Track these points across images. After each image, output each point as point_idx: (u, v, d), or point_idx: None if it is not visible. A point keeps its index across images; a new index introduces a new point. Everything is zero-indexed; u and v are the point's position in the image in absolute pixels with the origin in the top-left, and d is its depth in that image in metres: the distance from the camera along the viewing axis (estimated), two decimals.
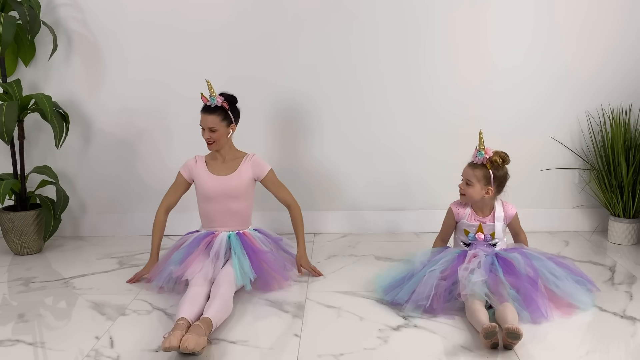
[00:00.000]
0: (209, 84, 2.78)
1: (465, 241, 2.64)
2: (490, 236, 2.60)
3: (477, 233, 2.59)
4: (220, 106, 2.75)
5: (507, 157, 2.56)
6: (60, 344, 2.24)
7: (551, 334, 2.26)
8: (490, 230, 2.61)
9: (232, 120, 2.79)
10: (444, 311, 2.42)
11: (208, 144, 2.78)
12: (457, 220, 2.68)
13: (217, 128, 2.74)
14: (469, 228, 2.62)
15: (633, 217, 3.30)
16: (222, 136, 2.77)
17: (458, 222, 2.69)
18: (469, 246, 2.63)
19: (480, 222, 2.62)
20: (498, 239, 2.62)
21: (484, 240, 2.59)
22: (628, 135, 3.30)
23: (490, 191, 2.57)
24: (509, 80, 3.41)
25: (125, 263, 3.13)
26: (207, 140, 2.77)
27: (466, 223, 2.64)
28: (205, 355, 2.12)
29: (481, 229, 2.60)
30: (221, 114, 2.75)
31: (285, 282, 2.74)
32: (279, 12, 3.37)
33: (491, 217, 2.63)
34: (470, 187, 2.58)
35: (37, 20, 3.21)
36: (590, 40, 3.37)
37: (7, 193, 3.06)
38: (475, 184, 2.56)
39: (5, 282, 2.89)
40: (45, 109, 3.09)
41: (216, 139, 2.76)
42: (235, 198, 2.81)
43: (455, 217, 2.68)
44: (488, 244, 2.60)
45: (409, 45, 3.40)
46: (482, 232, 2.59)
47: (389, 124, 3.48)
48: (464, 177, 2.61)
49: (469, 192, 2.59)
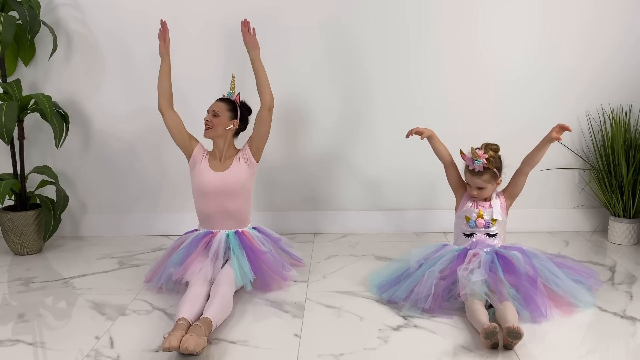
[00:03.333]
0: (233, 79, 2.86)
1: (465, 231, 2.64)
2: (491, 222, 2.60)
3: (478, 219, 2.61)
4: (233, 100, 2.81)
5: (497, 146, 2.62)
6: (60, 344, 2.24)
7: (551, 333, 2.26)
8: (489, 215, 2.62)
9: (237, 115, 2.82)
10: (443, 311, 2.42)
11: (206, 127, 2.79)
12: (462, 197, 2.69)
13: (220, 114, 2.78)
14: (470, 214, 2.63)
15: (633, 217, 3.30)
16: (221, 124, 2.79)
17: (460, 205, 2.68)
18: (469, 237, 2.62)
19: (480, 207, 2.63)
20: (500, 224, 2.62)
21: (484, 227, 2.60)
22: (628, 135, 3.30)
23: (500, 181, 2.63)
24: (509, 79, 3.41)
25: (125, 263, 3.13)
26: (206, 123, 2.79)
27: (469, 208, 2.64)
28: (205, 355, 2.12)
29: (481, 214, 2.62)
30: (230, 105, 2.81)
31: (284, 282, 2.74)
32: (278, 13, 3.37)
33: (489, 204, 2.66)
34: (483, 191, 2.62)
35: (37, 20, 3.21)
36: (591, 41, 3.37)
37: (7, 193, 3.06)
38: (487, 186, 2.60)
39: (5, 282, 2.89)
40: (45, 109, 3.09)
41: (215, 125, 2.78)
42: (231, 195, 2.79)
43: (464, 179, 2.70)
44: (487, 234, 2.60)
45: (413, 49, 3.40)
46: (482, 218, 2.61)
47: (389, 124, 3.48)
48: (472, 186, 2.63)
49: (484, 194, 2.63)
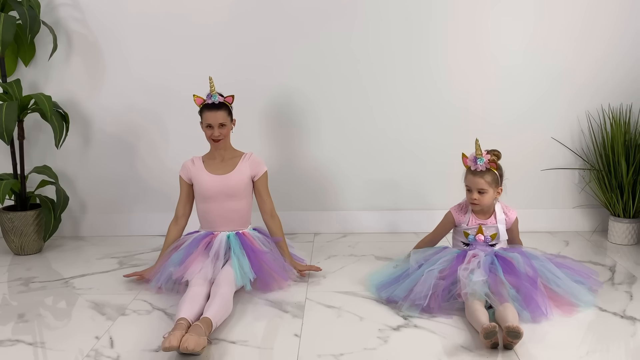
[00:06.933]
0: (211, 81, 2.80)
1: (464, 241, 2.64)
2: (490, 237, 2.59)
3: (477, 235, 2.59)
4: (223, 102, 2.79)
5: (499, 153, 2.59)
6: (60, 344, 2.24)
7: (551, 333, 2.26)
8: (490, 231, 2.60)
9: (232, 114, 2.84)
10: (442, 311, 2.41)
11: (216, 141, 2.79)
12: (457, 225, 2.68)
13: (227, 123, 2.79)
14: (469, 230, 2.62)
15: (633, 217, 3.30)
16: (229, 131, 2.82)
17: (457, 227, 2.68)
18: (468, 246, 2.62)
19: (480, 224, 2.61)
20: (501, 241, 2.61)
21: (483, 242, 2.59)
22: (628, 135, 3.30)
23: (501, 191, 2.57)
24: (509, 78, 3.41)
25: (125, 263, 3.13)
26: (217, 137, 2.78)
27: (465, 227, 2.63)
28: (205, 355, 2.12)
29: (481, 230, 2.59)
30: (226, 109, 2.80)
31: (284, 282, 2.73)
32: (278, 12, 3.37)
33: (492, 219, 2.62)
34: (484, 195, 2.55)
35: (37, 20, 3.21)
36: (590, 39, 3.37)
37: (7, 193, 3.06)
38: (489, 190, 2.54)
39: (5, 282, 2.89)
40: (45, 109, 3.09)
41: (225, 135, 2.80)
42: (234, 197, 2.81)
43: (455, 223, 2.68)
44: (487, 245, 2.60)
45: (410, 46, 3.40)
46: (482, 234, 2.59)
47: (389, 124, 3.48)
48: (473, 188, 2.56)
49: (484, 200, 2.55)
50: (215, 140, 2.78)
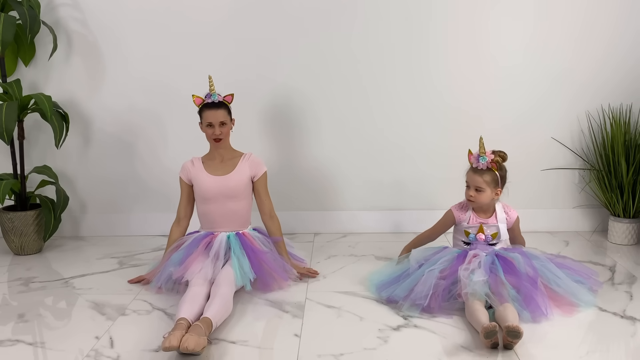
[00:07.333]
0: (210, 80, 2.80)
1: (465, 240, 2.64)
2: (491, 237, 2.59)
3: (478, 234, 2.59)
4: (223, 101, 2.79)
5: (505, 154, 2.58)
6: (60, 344, 2.24)
7: (551, 333, 2.26)
8: (491, 230, 2.60)
9: (231, 113, 2.84)
10: (443, 311, 2.41)
11: (217, 140, 2.79)
12: (457, 224, 2.68)
13: (227, 122, 2.79)
14: (470, 229, 2.62)
15: (633, 217, 3.30)
16: (229, 131, 2.83)
17: (457, 225, 2.68)
18: (469, 245, 2.62)
19: (481, 223, 2.61)
20: (502, 240, 2.62)
21: (484, 241, 2.59)
22: (628, 135, 3.30)
23: (500, 192, 2.58)
24: (509, 77, 3.41)
25: (125, 263, 3.13)
26: (218, 136, 2.78)
27: (466, 225, 2.63)
28: (205, 355, 2.12)
29: (482, 229, 2.60)
30: (226, 108, 2.80)
31: (284, 282, 2.73)
32: (278, 11, 3.37)
33: (493, 219, 2.63)
34: (481, 194, 2.57)
35: (37, 20, 3.21)
36: (590, 39, 3.37)
37: (7, 193, 3.06)
38: (486, 189, 2.55)
39: (5, 282, 2.89)
40: (45, 109, 3.09)
41: (226, 134, 2.80)
42: (234, 197, 2.81)
43: (455, 221, 2.68)
44: (488, 244, 2.60)
45: (410, 46, 3.39)
46: (483, 233, 2.59)
47: (389, 124, 3.48)
48: (471, 185, 2.58)
49: (481, 198, 2.57)
50: (216, 139, 2.79)
